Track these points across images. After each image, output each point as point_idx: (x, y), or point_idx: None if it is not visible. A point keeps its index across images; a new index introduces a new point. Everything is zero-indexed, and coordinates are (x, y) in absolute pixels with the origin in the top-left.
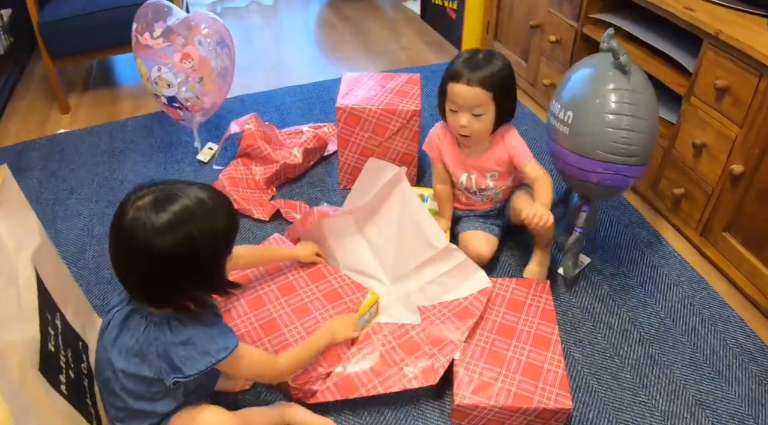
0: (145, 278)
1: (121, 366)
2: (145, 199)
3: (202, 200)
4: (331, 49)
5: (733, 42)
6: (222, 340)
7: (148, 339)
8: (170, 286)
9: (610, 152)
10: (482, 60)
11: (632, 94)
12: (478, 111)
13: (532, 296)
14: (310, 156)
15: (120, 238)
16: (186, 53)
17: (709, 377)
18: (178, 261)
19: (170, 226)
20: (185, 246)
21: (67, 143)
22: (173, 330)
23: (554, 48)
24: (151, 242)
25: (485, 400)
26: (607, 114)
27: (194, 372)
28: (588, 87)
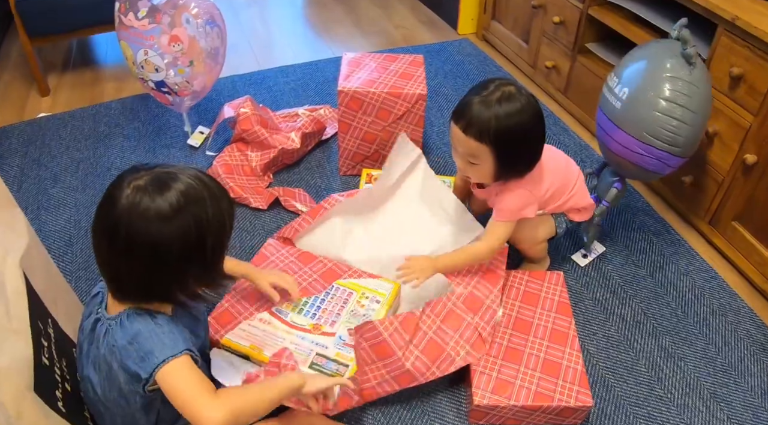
0: (140, 273)
1: (96, 378)
2: (144, 178)
3: (203, 181)
4: (322, 27)
5: (751, 29)
6: (169, 339)
7: (109, 347)
8: (167, 281)
9: (655, 136)
10: (495, 102)
11: (690, 87)
12: (472, 160)
13: (546, 288)
14: (308, 141)
15: (112, 226)
16: (174, 35)
17: (722, 369)
18: (180, 251)
19: (178, 208)
20: (193, 233)
21: (48, 127)
22: (123, 329)
23: (557, 29)
24: (153, 229)
25: (505, 400)
26: (660, 99)
27: (147, 375)
28: (649, 69)
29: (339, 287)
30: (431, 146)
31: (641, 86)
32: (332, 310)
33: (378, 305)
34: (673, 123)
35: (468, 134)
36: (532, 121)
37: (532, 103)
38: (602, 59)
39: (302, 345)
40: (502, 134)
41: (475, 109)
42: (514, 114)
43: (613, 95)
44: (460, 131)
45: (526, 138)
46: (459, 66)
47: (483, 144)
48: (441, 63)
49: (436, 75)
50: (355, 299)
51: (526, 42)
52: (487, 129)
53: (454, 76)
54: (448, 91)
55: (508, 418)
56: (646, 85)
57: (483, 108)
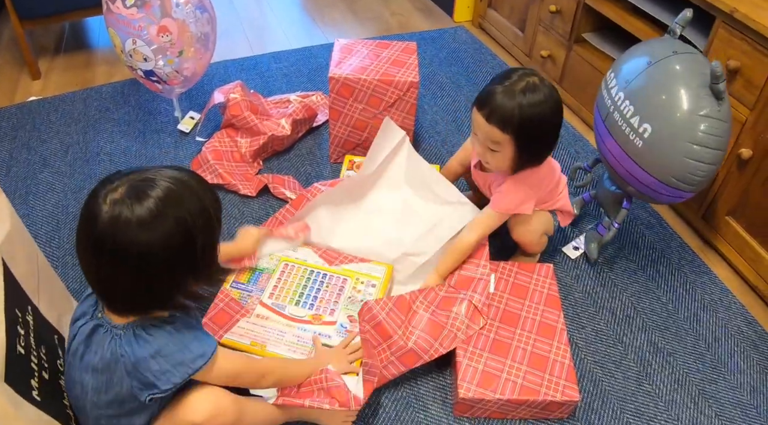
0: (137, 284)
1: (92, 383)
2: (119, 190)
3: (181, 180)
4: (317, 13)
5: (749, 22)
6: (197, 347)
7: (114, 356)
8: (166, 286)
9: (683, 180)
10: (519, 92)
11: (720, 124)
12: (493, 147)
13: (535, 280)
14: (299, 127)
15: (97, 243)
16: (163, 26)
17: (712, 365)
18: (173, 255)
19: (158, 213)
20: (179, 235)
21: (38, 111)
22: (140, 342)
23: (554, 18)
24: (139, 238)
25: (490, 393)
26: (693, 145)
27: (170, 386)
28: (675, 105)
29: (333, 275)
30: (423, 135)
31: (669, 128)
32: (329, 299)
33: (374, 289)
34: (702, 167)
35: (491, 122)
36: (553, 112)
37: (554, 95)
38: (598, 49)
39: (305, 337)
40: (525, 124)
41: (498, 98)
42: (537, 105)
43: (628, 126)
44: (482, 118)
45: (547, 129)
46: (454, 54)
47: (505, 133)
48: (436, 50)
49: (431, 62)
50: (350, 286)
51: (522, 30)
52: (511, 118)
53: (449, 64)
54: (443, 79)
55: (494, 411)
56: (676, 128)
57: (507, 97)
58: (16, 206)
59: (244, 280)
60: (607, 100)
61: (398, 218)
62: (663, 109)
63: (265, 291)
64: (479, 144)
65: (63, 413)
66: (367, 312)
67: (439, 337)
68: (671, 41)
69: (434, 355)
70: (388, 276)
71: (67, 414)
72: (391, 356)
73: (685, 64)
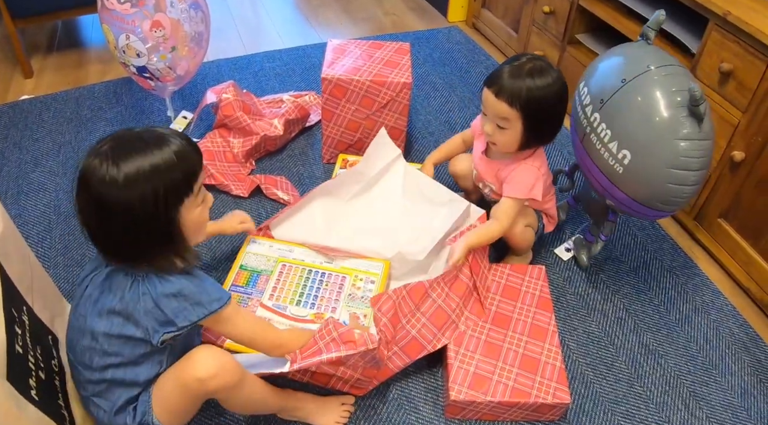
0: (111, 233)
1: (103, 328)
2: (105, 147)
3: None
4: (311, 12)
5: (742, 25)
6: (215, 291)
7: (135, 295)
8: (130, 241)
9: (668, 204)
10: (526, 72)
11: (702, 144)
12: (502, 124)
13: (527, 282)
14: (292, 127)
15: (79, 187)
16: (156, 21)
17: (703, 367)
18: (134, 215)
19: (130, 180)
20: (135, 202)
21: (30, 110)
22: (162, 282)
23: (547, 19)
24: (108, 193)
25: (481, 395)
26: (675, 170)
27: (187, 323)
28: (653, 130)
29: (331, 273)
30: (416, 135)
31: (650, 155)
32: (330, 297)
33: (373, 285)
34: (686, 190)
35: (500, 98)
36: (560, 94)
37: (560, 78)
38: (592, 50)
39: None
40: (532, 101)
41: (507, 76)
42: (545, 86)
43: (609, 153)
44: (492, 94)
45: (554, 109)
46: (448, 54)
47: (513, 108)
48: (430, 50)
49: (424, 63)
50: (350, 283)
51: (516, 31)
52: (519, 94)
53: (442, 64)
54: (436, 80)
55: (485, 413)
56: (657, 154)
57: (515, 75)
58: (8, 206)
59: (242, 283)
60: (583, 120)
61: (393, 218)
62: (642, 135)
63: (264, 293)
64: (489, 123)
65: (58, 413)
66: (386, 302)
67: (443, 327)
68: (645, 50)
69: (436, 346)
70: (386, 272)
71: (62, 415)
72: (395, 346)
73: (661, 82)
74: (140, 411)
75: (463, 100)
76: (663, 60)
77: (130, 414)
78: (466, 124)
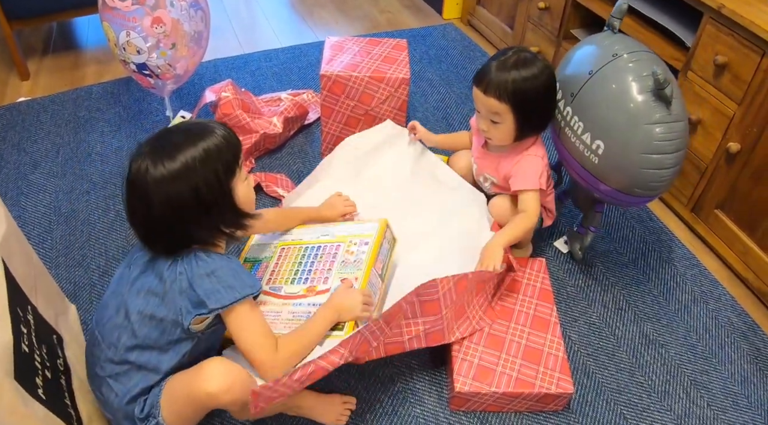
0: (163, 227)
1: (138, 307)
2: (146, 148)
3: (203, 149)
4: (306, 11)
5: (737, 18)
6: (248, 278)
7: (173, 275)
8: (192, 226)
9: (646, 189)
10: (512, 65)
11: (674, 126)
12: (495, 118)
13: (528, 275)
14: (291, 125)
15: (127, 186)
16: (157, 17)
17: (703, 356)
18: (182, 208)
19: (172, 177)
20: (189, 195)
21: (28, 112)
22: (199, 262)
23: (542, 15)
24: (152, 192)
25: (486, 386)
26: (649, 155)
27: (218, 305)
28: (622, 118)
29: (326, 244)
30: None
31: (622, 142)
32: (323, 268)
33: (367, 246)
34: (663, 173)
35: (488, 94)
36: (547, 83)
37: (547, 68)
38: None
39: (299, 312)
40: (523, 91)
41: (493, 71)
42: (531, 77)
43: (582, 143)
44: (481, 92)
45: (542, 95)
46: (443, 51)
47: (502, 102)
48: (426, 48)
49: (420, 60)
50: (343, 250)
51: (511, 27)
52: (505, 88)
53: (438, 61)
54: (432, 77)
55: (489, 405)
56: (629, 141)
57: (501, 70)
58: (8, 207)
59: None
60: (558, 115)
61: (404, 198)
62: (612, 123)
63: (263, 279)
64: (482, 120)
65: (65, 412)
66: (430, 287)
67: (459, 320)
68: (610, 40)
69: (452, 339)
70: (381, 230)
71: (69, 413)
72: (422, 331)
73: (626, 69)
74: (149, 403)
75: (460, 97)
76: (629, 47)
77: (140, 404)
78: (464, 120)
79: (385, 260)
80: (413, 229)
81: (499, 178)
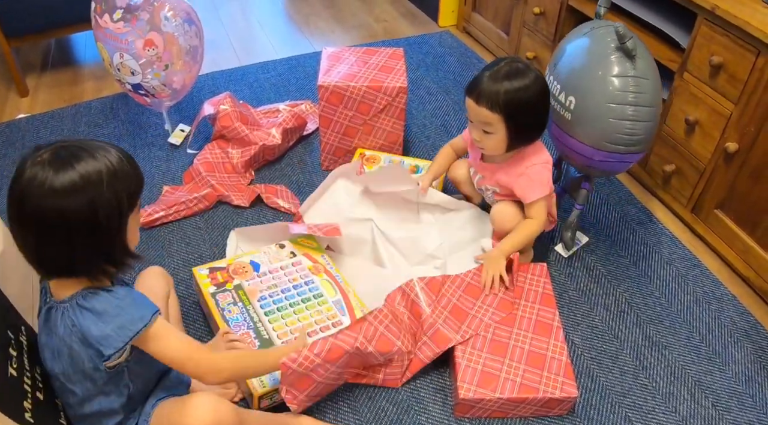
0: (41, 244)
1: (59, 369)
2: (44, 156)
3: (108, 165)
4: (303, 22)
5: (730, 18)
6: (136, 310)
7: (67, 330)
8: (64, 252)
9: (614, 142)
10: (503, 76)
11: (638, 82)
12: (487, 129)
13: (530, 280)
14: (289, 136)
15: (13, 199)
16: (149, 40)
17: (707, 357)
18: (74, 226)
19: (72, 188)
20: (85, 212)
21: (28, 128)
22: (83, 312)
23: (538, 20)
24: (45, 203)
25: (490, 393)
26: (611, 104)
27: (113, 351)
28: (590, 72)
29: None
30: (413, 140)
31: (589, 94)
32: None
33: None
34: (627, 125)
35: (480, 104)
36: (540, 90)
37: (538, 77)
38: None
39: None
40: (515, 101)
41: (485, 82)
42: (523, 87)
43: (558, 104)
44: (473, 102)
45: (534, 106)
46: (440, 58)
47: (494, 112)
48: (422, 56)
49: (417, 68)
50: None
51: (507, 33)
52: (497, 98)
53: (435, 69)
54: (430, 84)
55: (494, 411)
56: (595, 93)
57: (492, 81)
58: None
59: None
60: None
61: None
62: (581, 78)
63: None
64: (475, 130)
65: None
66: (400, 295)
67: (465, 321)
68: (591, 23)
69: (465, 336)
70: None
71: None
72: (424, 335)
73: (599, 35)
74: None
75: (458, 104)
76: (605, 23)
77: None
78: (462, 126)
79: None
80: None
81: (500, 187)
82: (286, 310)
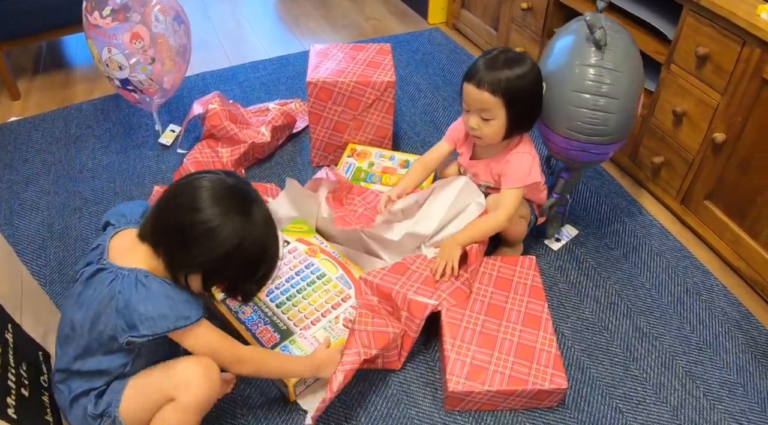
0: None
1: (80, 319)
2: (217, 180)
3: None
4: (293, 22)
5: (716, 9)
6: (185, 309)
7: (111, 292)
8: (178, 249)
9: (575, 130)
10: (502, 62)
11: (605, 72)
12: (486, 115)
13: (519, 273)
14: (279, 134)
15: (175, 191)
16: (135, 33)
17: (698, 347)
18: (209, 246)
19: (237, 223)
20: (233, 244)
21: (19, 131)
22: (138, 287)
23: (526, 15)
24: (203, 212)
25: (479, 385)
26: (575, 92)
27: (150, 333)
28: (562, 59)
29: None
30: (402, 136)
31: (557, 81)
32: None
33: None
34: (587, 114)
35: (481, 88)
36: (537, 79)
37: (534, 65)
38: None
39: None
40: (515, 87)
41: (484, 68)
42: (522, 74)
43: None
44: (473, 87)
45: (533, 93)
46: (430, 55)
47: (496, 97)
48: (412, 53)
49: (407, 65)
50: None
51: (496, 29)
52: (499, 83)
53: (425, 66)
54: (419, 81)
55: (484, 403)
56: (561, 80)
57: (492, 66)
58: (1, 226)
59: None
60: None
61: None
62: (552, 66)
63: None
64: (473, 117)
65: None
66: (366, 284)
67: (438, 288)
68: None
69: (440, 301)
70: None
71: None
72: (402, 311)
73: (578, 27)
74: (106, 400)
75: (447, 100)
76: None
77: (92, 401)
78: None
79: None
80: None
81: (494, 180)
82: (295, 298)
